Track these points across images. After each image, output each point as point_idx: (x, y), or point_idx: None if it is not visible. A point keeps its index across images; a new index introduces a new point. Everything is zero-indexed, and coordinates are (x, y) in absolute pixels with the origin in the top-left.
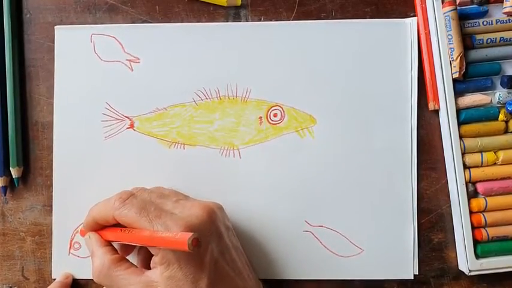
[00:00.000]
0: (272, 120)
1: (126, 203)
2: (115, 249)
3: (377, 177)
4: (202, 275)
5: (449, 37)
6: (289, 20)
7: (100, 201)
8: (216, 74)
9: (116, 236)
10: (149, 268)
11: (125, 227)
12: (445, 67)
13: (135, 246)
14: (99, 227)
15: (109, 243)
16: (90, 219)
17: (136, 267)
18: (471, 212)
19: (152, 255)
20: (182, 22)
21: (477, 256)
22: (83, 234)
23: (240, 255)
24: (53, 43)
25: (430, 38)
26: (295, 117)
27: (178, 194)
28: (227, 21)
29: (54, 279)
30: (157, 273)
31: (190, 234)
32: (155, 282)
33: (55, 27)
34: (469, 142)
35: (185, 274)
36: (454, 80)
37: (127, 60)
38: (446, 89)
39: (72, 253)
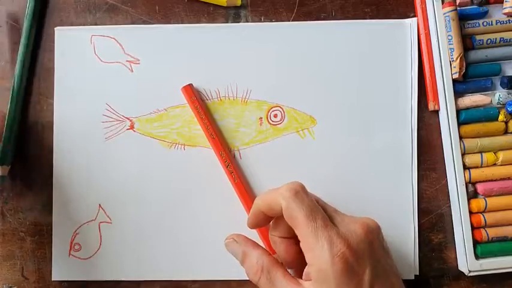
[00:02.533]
0: (272, 121)
1: (298, 197)
2: (269, 251)
3: (377, 178)
4: None
5: (449, 37)
6: (289, 21)
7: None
8: (216, 75)
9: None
10: (300, 277)
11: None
12: (445, 67)
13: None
14: (263, 217)
15: (260, 246)
16: (255, 209)
17: (290, 274)
18: (471, 213)
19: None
20: (182, 22)
21: (477, 257)
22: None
23: (397, 282)
24: (53, 43)
25: (430, 39)
26: (295, 117)
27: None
28: (227, 22)
29: (54, 280)
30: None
31: None
32: None
33: (55, 28)
34: (468, 143)
35: None
36: (454, 81)
37: (127, 61)
38: (446, 89)
39: (73, 254)
